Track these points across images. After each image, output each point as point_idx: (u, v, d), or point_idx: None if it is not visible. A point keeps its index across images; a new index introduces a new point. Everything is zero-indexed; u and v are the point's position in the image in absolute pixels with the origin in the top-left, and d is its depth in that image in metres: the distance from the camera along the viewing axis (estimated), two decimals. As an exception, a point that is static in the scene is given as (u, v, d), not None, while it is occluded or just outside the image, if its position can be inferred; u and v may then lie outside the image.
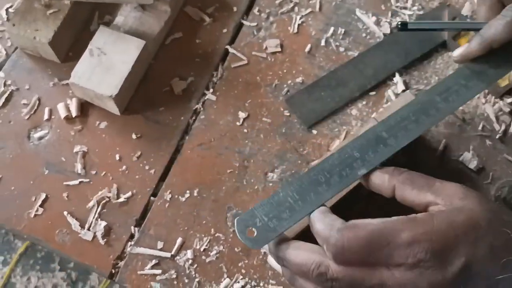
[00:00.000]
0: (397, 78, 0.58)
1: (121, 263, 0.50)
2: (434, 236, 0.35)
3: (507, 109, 0.56)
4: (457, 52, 0.48)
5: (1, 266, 1.19)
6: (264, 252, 0.50)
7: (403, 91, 0.57)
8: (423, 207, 0.39)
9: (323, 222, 0.38)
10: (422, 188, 0.38)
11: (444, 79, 0.47)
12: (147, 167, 0.54)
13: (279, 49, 0.60)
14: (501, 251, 0.35)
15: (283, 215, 0.40)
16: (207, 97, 0.58)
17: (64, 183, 0.53)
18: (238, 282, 0.49)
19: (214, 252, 0.51)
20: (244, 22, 0.61)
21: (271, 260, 0.40)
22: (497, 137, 0.55)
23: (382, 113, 0.51)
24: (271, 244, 0.38)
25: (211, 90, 0.58)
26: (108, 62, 0.54)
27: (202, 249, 0.51)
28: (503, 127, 0.56)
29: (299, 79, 0.58)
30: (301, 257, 0.37)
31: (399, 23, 0.49)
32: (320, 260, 0.36)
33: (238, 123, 0.56)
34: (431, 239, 0.35)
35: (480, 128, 0.56)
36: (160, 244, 0.51)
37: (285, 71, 0.59)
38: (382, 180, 0.40)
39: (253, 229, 0.39)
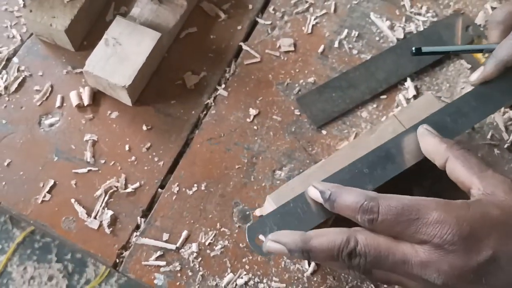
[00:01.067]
0: (409, 83, 0.58)
1: (126, 253, 0.51)
2: (465, 222, 0.35)
3: (516, 119, 0.57)
4: (474, 77, 0.49)
5: (-1, 255, 1.19)
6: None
7: (414, 96, 0.58)
8: (467, 187, 0.40)
9: (352, 193, 0.38)
10: (472, 169, 0.39)
11: (455, 100, 0.48)
12: (156, 159, 0.54)
13: (293, 49, 0.60)
14: None
15: (291, 225, 0.41)
16: (218, 92, 0.58)
17: (73, 170, 0.53)
18: (242, 277, 0.50)
19: (219, 246, 0.51)
20: (259, 20, 0.62)
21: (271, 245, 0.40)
22: (505, 146, 0.56)
23: (402, 111, 0.52)
24: (292, 244, 0.38)
25: (223, 85, 0.58)
26: (123, 53, 0.54)
27: (207, 243, 0.51)
28: (511, 137, 0.56)
29: (311, 79, 0.59)
30: (327, 240, 0.37)
31: (414, 48, 0.50)
32: (348, 236, 0.37)
33: (248, 120, 0.57)
34: (462, 224, 0.35)
35: (489, 137, 0.56)
36: (165, 236, 0.51)
37: (297, 70, 0.59)
38: (438, 148, 0.42)
39: (263, 237, 0.40)
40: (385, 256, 0.36)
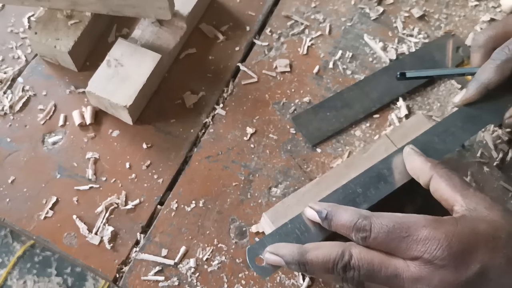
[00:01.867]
0: (401, 103, 0.60)
1: (126, 268, 0.52)
2: (454, 238, 0.37)
3: (505, 138, 0.58)
4: (457, 99, 0.52)
5: (-1, 269, 1.20)
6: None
7: (406, 115, 0.59)
8: (450, 204, 0.41)
9: (346, 212, 0.40)
10: (455, 187, 0.41)
11: (443, 120, 0.50)
12: (155, 176, 0.56)
13: (289, 69, 0.62)
14: None
15: None
16: (217, 111, 0.60)
17: (75, 187, 0.55)
18: (238, 292, 0.51)
19: (216, 262, 0.52)
20: (256, 41, 0.64)
21: (269, 257, 0.42)
22: (494, 164, 0.57)
23: (394, 131, 0.53)
24: (289, 256, 0.40)
25: (221, 105, 0.60)
26: (124, 73, 0.56)
27: (204, 259, 0.52)
28: (500, 155, 0.58)
29: (306, 99, 0.61)
30: (323, 253, 0.39)
31: (398, 73, 0.53)
32: (343, 249, 0.39)
33: (245, 138, 0.58)
34: (451, 239, 0.36)
35: (478, 154, 0.58)
36: (164, 252, 0.52)
37: (293, 90, 0.61)
38: (423, 167, 0.43)
39: (263, 257, 0.42)
40: (378, 270, 0.38)
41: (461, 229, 0.38)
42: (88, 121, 0.58)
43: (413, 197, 0.51)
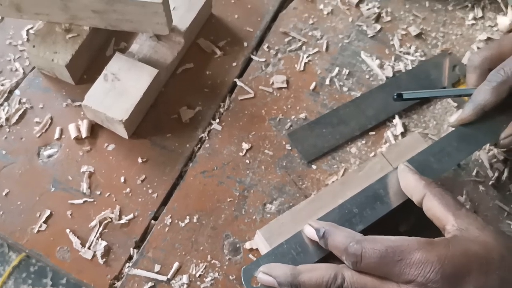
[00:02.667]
0: (397, 120, 0.60)
1: (118, 284, 0.52)
2: (447, 260, 0.36)
3: (501, 157, 0.58)
4: (453, 119, 0.52)
5: (-6, 278, 1.20)
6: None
7: (402, 133, 0.59)
8: (442, 224, 0.41)
9: (341, 234, 0.40)
10: (448, 207, 0.41)
11: (438, 140, 0.50)
12: (150, 191, 0.56)
13: (285, 85, 0.62)
14: (510, 284, 0.36)
15: None
16: (213, 126, 0.60)
17: (69, 201, 0.55)
18: (231, 309, 0.51)
19: (209, 278, 0.52)
20: (253, 57, 0.64)
21: (262, 277, 0.42)
22: (490, 183, 0.57)
23: (390, 150, 0.54)
24: (282, 277, 0.40)
25: (217, 120, 0.60)
26: (121, 88, 0.56)
27: (197, 275, 0.52)
28: (496, 174, 0.58)
29: (302, 115, 0.61)
30: (316, 276, 0.39)
31: (395, 94, 0.53)
32: (336, 272, 0.38)
33: (241, 154, 0.58)
34: (444, 262, 0.36)
35: (474, 173, 0.58)
36: (157, 267, 0.52)
37: (289, 106, 0.61)
38: (417, 185, 0.44)
39: (256, 276, 0.42)
40: None
41: (454, 252, 0.38)
42: (84, 134, 0.58)
43: (407, 215, 0.51)
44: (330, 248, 0.42)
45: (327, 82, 0.63)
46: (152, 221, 0.55)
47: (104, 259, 0.52)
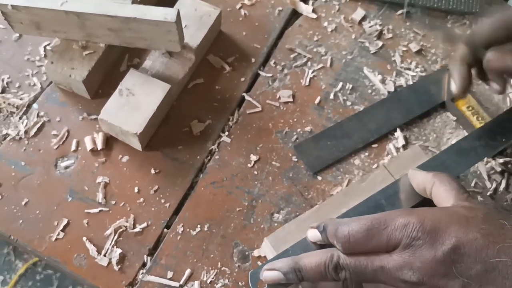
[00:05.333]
0: (398, 133, 0.63)
1: (132, 289, 0.54)
2: (426, 218, 0.38)
3: (498, 169, 0.61)
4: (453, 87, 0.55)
5: (1, 286, 1.21)
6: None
7: (403, 145, 0.62)
8: (444, 205, 0.43)
9: (332, 223, 0.42)
10: (452, 191, 0.43)
11: (439, 154, 0.53)
12: (162, 201, 0.58)
13: (291, 100, 0.65)
14: (496, 237, 0.37)
15: None
16: (222, 139, 0.62)
17: (85, 210, 0.57)
18: (240, 314, 0.53)
19: (220, 284, 0.54)
20: (261, 72, 0.67)
21: (267, 274, 0.44)
22: (488, 194, 0.60)
23: (391, 162, 0.56)
24: (285, 266, 0.42)
25: (227, 133, 0.63)
26: (135, 102, 0.59)
27: (208, 281, 0.54)
28: (494, 185, 0.60)
29: (307, 128, 0.63)
30: (315, 259, 0.41)
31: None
32: (332, 253, 0.41)
33: (249, 165, 0.61)
34: (423, 220, 0.38)
35: (472, 184, 0.60)
36: (169, 274, 0.54)
37: (295, 120, 0.64)
38: (426, 177, 0.46)
39: (261, 277, 0.44)
40: (364, 266, 0.40)
41: (433, 211, 0.39)
42: (99, 146, 0.60)
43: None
44: (329, 239, 0.43)
45: (331, 96, 0.66)
46: (165, 230, 0.57)
47: (119, 266, 0.55)
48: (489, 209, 0.40)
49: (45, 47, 0.67)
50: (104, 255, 0.55)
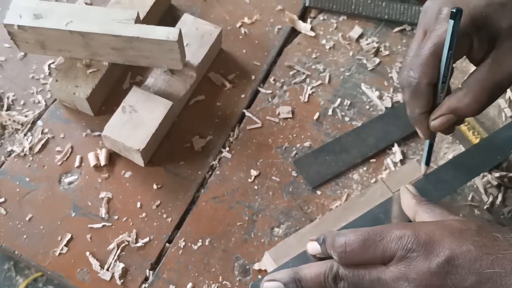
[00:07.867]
0: (396, 148, 0.64)
1: (135, 304, 0.55)
2: (421, 231, 0.39)
3: (495, 182, 0.62)
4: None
5: (1, 302, 1.21)
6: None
7: (401, 160, 0.63)
8: None
9: (330, 235, 0.43)
10: (435, 218, 0.44)
11: (436, 169, 0.54)
12: (164, 216, 0.59)
13: (291, 115, 0.66)
14: (489, 249, 0.38)
15: None
16: (223, 154, 0.63)
17: (89, 225, 0.58)
18: (242, 328, 0.54)
19: (221, 298, 0.55)
20: (261, 89, 0.68)
21: (268, 284, 0.45)
22: (485, 207, 0.61)
23: (390, 177, 0.57)
24: (285, 277, 0.43)
25: (227, 148, 0.64)
26: (138, 119, 0.60)
27: (210, 295, 0.55)
28: (490, 199, 0.61)
29: (307, 144, 0.65)
30: (314, 270, 0.42)
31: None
32: (331, 264, 0.42)
33: (249, 180, 0.62)
34: (418, 232, 0.39)
35: (469, 198, 0.61)
36: (171, 288, 0.55)
37: (294, 135, 0.65)
38: (409, 204, 0.47)
39: None
40: (362, 277, 0.40)
41: (428, 224, 0.41)
42: (102, 162, 0.62)
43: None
44: (327, 250, 0.44)
45: (330, 112, 0.67)
46: (167, 244, 0.58)
47: (122, 280, 0.55)
48: (483, 222, 0.41)
49: (49, 65, 0.69)
50: (107, 270, 0.56)
